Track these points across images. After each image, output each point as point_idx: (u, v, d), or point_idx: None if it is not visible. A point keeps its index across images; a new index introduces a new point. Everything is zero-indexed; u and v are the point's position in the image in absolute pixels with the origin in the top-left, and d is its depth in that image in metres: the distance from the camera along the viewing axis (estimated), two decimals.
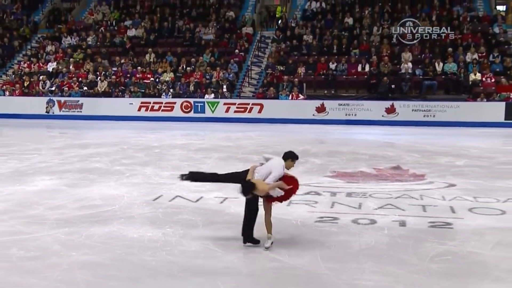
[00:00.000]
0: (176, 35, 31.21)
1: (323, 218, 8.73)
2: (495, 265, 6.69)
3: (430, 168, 13.07)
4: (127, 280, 6.22)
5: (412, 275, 6.37)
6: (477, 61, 26.06)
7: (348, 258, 6.93)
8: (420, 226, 8.36)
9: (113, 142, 17.80)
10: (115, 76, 28.46)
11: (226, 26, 31.10)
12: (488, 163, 13.97)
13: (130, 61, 29.36)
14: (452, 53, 26.48)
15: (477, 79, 25.28)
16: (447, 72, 25.83)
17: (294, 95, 25.61)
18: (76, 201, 9.72)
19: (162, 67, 28.63)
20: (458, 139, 19.49)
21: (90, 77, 28.62)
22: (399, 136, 20.03)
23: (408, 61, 26.54)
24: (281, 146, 16.86)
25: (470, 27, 28.34)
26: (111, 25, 32.78)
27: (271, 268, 6.59)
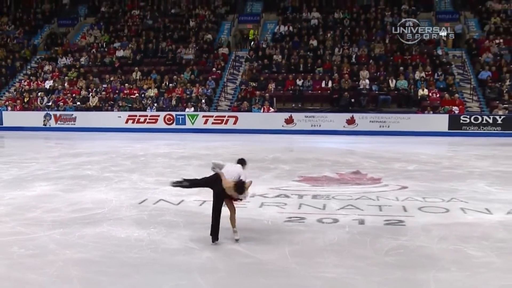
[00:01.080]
0: (159, 55, 31.10)
1: (291, 218, 8.74)
2: (441, 257, 6.77)
3: (385, 173, 13.15)
4: (116, 275, 6.17)
5: (370, 267, 6.41)
6: (424, 78, 26.37)
7: (314, 253, 6.94)
8: (377, 224, 8.41)
9: (103, 151, 17.63)
10: (105, 92, 28.27)
11: (204, 47, 31.06)
12: (435, 168, 14.11)
13: (118, 78, 29.15)
14: (403, 71, 26.77)
15: (425, 94, 25.58)
16: (399, 88, 26.09)
17: (265, 108, 25.64)
18: (70, 205, 9.61)
19: (147, 83, 28.48)
20: (409, 146, 19.65)
21: (83, 93, 28.40)
22: (359, 144, 20.14)
23: (365, 78, 26.75)
24: (254, 154, 16.90)
25: (418, 49, 28.68)
26: (102, 47, 32.57)
27: (244, 263, 6.57)
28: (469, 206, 9.47)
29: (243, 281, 6.00)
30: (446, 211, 9.20)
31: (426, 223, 8.35)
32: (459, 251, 7.03)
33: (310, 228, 8.17)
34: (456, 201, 9.88)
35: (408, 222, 8.48)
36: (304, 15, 32.74)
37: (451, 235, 7.74)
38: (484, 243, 7.32)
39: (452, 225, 8.28)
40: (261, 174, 12.79)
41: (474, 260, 6.66)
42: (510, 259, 6.69)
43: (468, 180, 12.12)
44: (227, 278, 6.11)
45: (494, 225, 8.27)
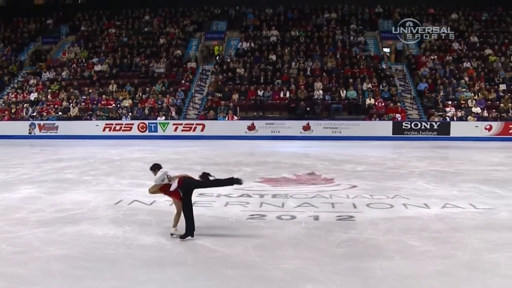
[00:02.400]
0: (133, 69, 30.76)
1: (253, 216, 8.72)
2: (386, 247, 6.86)
3: (337, 173, 13.25)
4: (94, 269, 6.08)
5: (324, 258, 6.45)
6: (371, 89, 26.76)
7: (274, 247, 6.94)
8: (330, 219, 8.46)
9: (82, 157, 17.32)
10: (84, 103, 27.87)
11: (174, 62, 30.86)
12: (381, 168, 14.30)
13: (96, 90, 28.74)
14: (352, 83, 27.09)
15: (371, 103, 25.96)
16: (349, 98, 26.40)
17: (229, 116, 25.63)
18: (52, 206, 9.43)
19: (122, 95, 28.17)
20: (359, 150, 19.85)
21: (64, 104, 27.93)
22: (314, 148, 20.25)
23: (319, 89, 27.00)
24: (219, 158, 16.89)
25: (365, 63, 29.09)
26: (81, 62, 32.05)
27: (211, 257, 6.54)
28: (410, 202, 9.62)
29: (210, 273, 5.97)
30: (391, 206, 9.33)
31: (373, 218, 8.46)
32: (401, 241, 7.14)
33: (270, 224, 8.17)
34: (399, 198, 10.03)
35: (358, 217, 8.56)
36: (264, 33, 32.84)
37: (394, 227, 7.86)
38: (422, 234, 7.46)
39: (396, 219, 8.41)
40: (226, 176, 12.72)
41: (414, 249, 6.78)
42: (443, 247, 6.83)
43: (409, 179, 12.31)
44: (196, 271, 6.08)
45: (431, 218, 8.43)
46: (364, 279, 5.72)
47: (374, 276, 5.80)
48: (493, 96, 26.37)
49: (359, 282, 5.65)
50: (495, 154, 18.22)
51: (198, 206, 8.92)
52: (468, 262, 6.28)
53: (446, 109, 25.38)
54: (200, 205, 9.14)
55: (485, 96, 26.26)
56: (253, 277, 5.83)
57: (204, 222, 7.45)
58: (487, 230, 7.70)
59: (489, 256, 6.48)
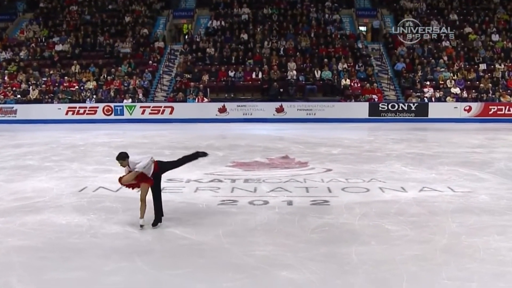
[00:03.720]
0: (97, 49, 30.20)
1: (224, 201, 8.73)
2: (362, 232, 6.95)
3: (312, 157, 13.33)
4: (58, 260, 6.02)
5: (298, 244, 6.49)
6: (347, 69, 26.87)
7: (246, 233, 6.97)
8: (304, 204, 8.54)
9: (44, 142, 17.04)
10: (45, 85, 27.27)
11: (141, 41, 30.43)
12: (357, 151, 14.41)
13: (58, 72, 28.16)
14: (327, 63, 27.15)
15: (347, 84, 26.07)
16: (324, 79, 26.47)
17: (199, 98, 25.46)
18: (11, 194, 9.28)
19: (86, 76, 27.70)
20: (334, 132, 19.99)
21: (23, 86, 27.29)
22: (287, 131, 20.31)
23: (293, 69, 26.99)
24: (189, 142, 16.81)
25: (340, 42, 29.15)
26: (41, 41, 31.29)
27: (181, 245, 6.53)
28: (387, 186, 9.75)
29: (180, 261, 5.96)
30: (367, 190, 9.44)
31: (348, 202, 8.54)
32: (378, 226, 7.24)
33: (242, 210, 8.20)
34: (376, 181, 10.15)
35: (333, 201, 8.65)
36: (235, 11, 32.58)
37: (371, 212, 7.96)
38: (399, 218, 7.58)
39: (372, 203, 8.51)
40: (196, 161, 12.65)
41: (391, 234, 6.88)
42: (421, 231, 6.95)
43: (386, 162, 12.46)
44: (165, 259, 6.05)
45: (408, 202, 8.56)
46: (339, 265, 5.78)
47: (350, 262, 5.86)
48: (473, 76, 26.75)
49: (335, 268, 5.71)
50: (474, 136, 18.53)
51: (167, 192, 8.88)
52: (446, 246, 6.39)
53: (424, 89, 25.69)
54: (168, 191, 9.10)
55: (465, 76, 26.64)
56: (225, 264, 5.84)
57: (173, 209, 7.43)
58: (466, 213, 7.84)
59: (468, 240, 6.61)
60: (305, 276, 5.48)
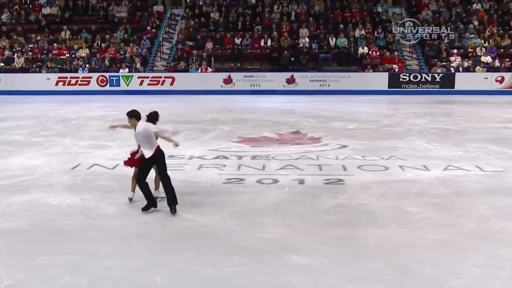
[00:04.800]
0: (90, 13, 30.14)
1: (230, 180, 8.77)
2: (380, 214, 6.97)
3: (325, 132, 13.35)
4: (48, 243, 6.05)
5: (309, 226, 6.52)
6: (364, 36, 26.68)
7: (253, 214, 7.00)
8: (317, 183, 8.56)
9: (31, 115, 17.11)
10: (32, 52, 27.22)
11: (138, 5, 30.29)
12: (375, 126, 14.42)
13: (46, 38, 28.13)
14: (343, 29, 26.96)
15: (365, 52, 25.92)
16: (339, 46, 26.30)
17: (203, 68, 25.42)
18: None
19: (77, 43, 27.66)
20: (350, 105, 19.94)
21: (7, 54, 27.28)
22: (298, 104, 20.28)
23: (305, 36, 26.82)
24: (191, 115, 16.83)
25: (358, 6, 28.88)
26: (26, 3, 31.23)
27: (183, 227, 6.57)
28: (408, 164, 9.75)
29: (181, 244, 6.00)
30: (385, 169, 9.44)
31: (365, 181, 8.55)
32: (397, 207, 7.25)
33: (249, 189, 8.23)
34: (395, 159, 10.15)
35: (348, 180, 8.66)
36: None
37: (390, 192, 7.96)
38: (421, 199, 7.58)
39: (391, 183, 8.51)
40: (199, 136, 12.76)
41: (412, 216, 6.89)
42: (445, 214, 6.95)
43: (407, 138, 12.45)
44: (165, 242, 6.09)
45: (431, 182, 8.56)
46: (355, 249, 5.79)
47: (367, 246, 5.88)
48: (507, 43, 26.39)
49: (350, 252, 5.72)
50: (506, 109, 18.43)
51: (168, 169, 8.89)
52: (474, 230, 6.38)
53: (451, 58, 25.46)
54: (170, 169, 8.96)
55: (497, 43, 26.31)
56: (230, 247, 5.87)
57: (174, 188, 7.42)
58: (496, 195, 7.82)
59: (498, 224, 6.59)
60: (317, 261, 5.50)
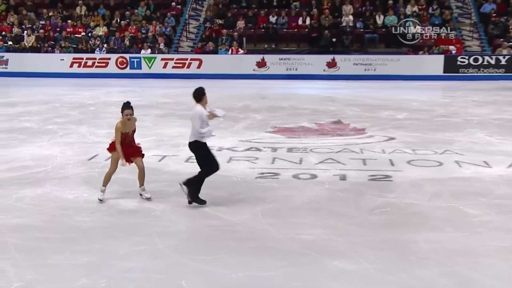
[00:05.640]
0: None
1: (264, 174, 8.82)
2: (432, 215, 6.93)
3: (370, 122, 13.30)
4: (61, 241, 6.15)
5: (352, 227, 6.53)
6: (417, 13, 26.33)
7: (289, 213, 7.03)
8: (360, 179, 8.55)
9: (43, 100, 17.39)
10: (43, 30, 27.53)
11: None
12: (427, 116, 14.30)
13: (59, 14, 28.45)
14: (393, 5, 26.65)
15: (417, 32, 25.49)
16: (388, 25, 26.02)
17: (233, 49, 25.45)
18: (4, 163, 9.53)
19: (94, 20, 27.91)
20: (399, 92, 19.79)
21: (15, 31, 27.61)
22: (340, 90, 20.21)
23: (349, 14, 26.61)
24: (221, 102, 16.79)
25: None
26: None
27: (210, 225, 6.62)
28: (466, 159, 9.66)
29: (209, 245, 6.05)
30: (439, 164, 9.37)
31: (416, 178, 8.50)
32: (453, 209, 7.19)
33: (285, 184, 8.25)
34: (451, 154, 10.06)
35: (396, 177, 8.62)
36: None
37: (444, 191, 7.90)
38: (482, 200, 7.50)
39: (446, 180, 8.44)
40: (229, 125, 12.80)
41: (470, 219, 6.83)
42: (510, 218, 6.86)
43: (465, 130, 12.33)
44: (191, 242, 6.17)
45: (493, 180, 8.46)
46: (404, 255, 5.78)
47: (418, 251, 5.86)
48: None
49: (398, 258, 5.71)
50: None
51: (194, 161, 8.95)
52: None
53: None
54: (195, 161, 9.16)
55: None
56: (263, 249, 5.91)
57: None
58: None
59: None
60: (361, 266, 5.50)
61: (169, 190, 7.77)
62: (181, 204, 7.24)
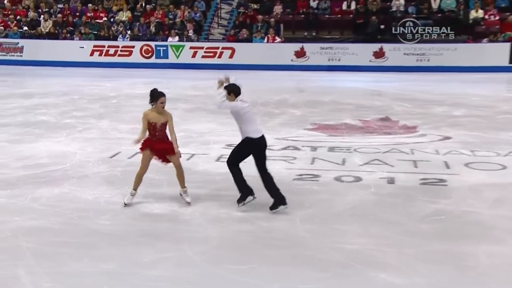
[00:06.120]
0: None
1: (302, 176, 8.84)
2: (493, 225, 6.86)
3: (423, 119, 13.20)
4: (80, 246, 6.21)
5: (401, 236, 6.50)
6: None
7: (331, 219, 7.03)
8: (411, 183, 8.50)
9: (61, 91, 17.62)
10: (62, 14, 27.90)
11: None
12: (489, 113, 14.13)
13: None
14: None
15: (479, 16, 25.25)
16: (444, 10, 25.78)
17: (269, 37, 25.48)
18: (19, 160, 9.68)
19: (117, 4, 28.21)
20: (456, 86, 19.61)
21: (31, 15, 28.03)
22: (389, 83, 20.15)
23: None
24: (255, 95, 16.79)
25: None
26: None
27: (244, 231, 6.67)
28: None
29: (242, 253, 6.09)
30: (503, 168, 9.28)
31: (475, 183, 8.42)
32: None
33: (325, 188, 8.26)
34: None
35: (452, 181, 8.55)
36: None
37: (508, 198, 7.83)
38: None
39: (509, 186, 8.36)
40: (264, 121, 12.77)
41: None
42: None
43: None
44: (223, 250, 6.19)
45: None
46: (461, 269, 5.74)
47: (477, 266, 5.81)
48: None
49: (454, 272, 5.67)
50: None
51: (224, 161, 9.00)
52: None
53: None
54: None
55: None
56: (302, 259, 5.92)
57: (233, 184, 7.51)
58: None
59: None
60: (411, 280, 5.48)
61: (199, 192, 7.83)
62: (212, 208, 7.31)
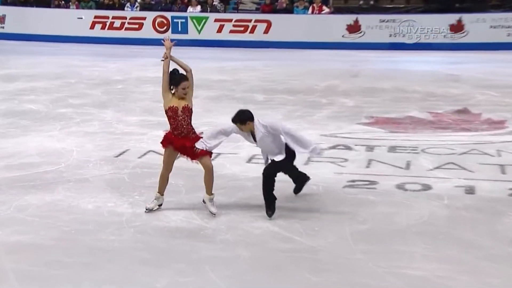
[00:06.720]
0: None
1: (355, 182, 8.85)
2: None
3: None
4: (79, 266, 6.27)
5: (482, 262, 6.45)
6: None
7: (391, 238, 7.03)
8: (497, 194, 8.45)
9: (54, 73, 17.76)
10: None
11: None
12: None
13: None
14: None
15: None
16: None
17: (315, 7, 25.46)
18: (1, 159, 9.81)
19: None
20: None
21: None
22: (469, 65, 20.06)
23: None
24: (297, 80, 16.90)
25: None
26: None
27: (281, 250, 6.69)
28: None
29: (279, 276, 6.12)
30: None
31: None
32: None
33: (385, 198, 8.26)
34: None
35: None
36: None
37: None
38: None
39: None
40: (307, 113, 12.87)
41: None
42: None
43: None
44: (254, 273, 6.23)
45: None
46: None
47: None
48: None
49: None
50: None
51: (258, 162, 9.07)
52: None
53: None
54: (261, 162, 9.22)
55: None
56: (353, 287, 5.95)
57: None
58: None
59: None
60: None
61: (225, 201, 7.90)
62: (241, 220, 7.36)
